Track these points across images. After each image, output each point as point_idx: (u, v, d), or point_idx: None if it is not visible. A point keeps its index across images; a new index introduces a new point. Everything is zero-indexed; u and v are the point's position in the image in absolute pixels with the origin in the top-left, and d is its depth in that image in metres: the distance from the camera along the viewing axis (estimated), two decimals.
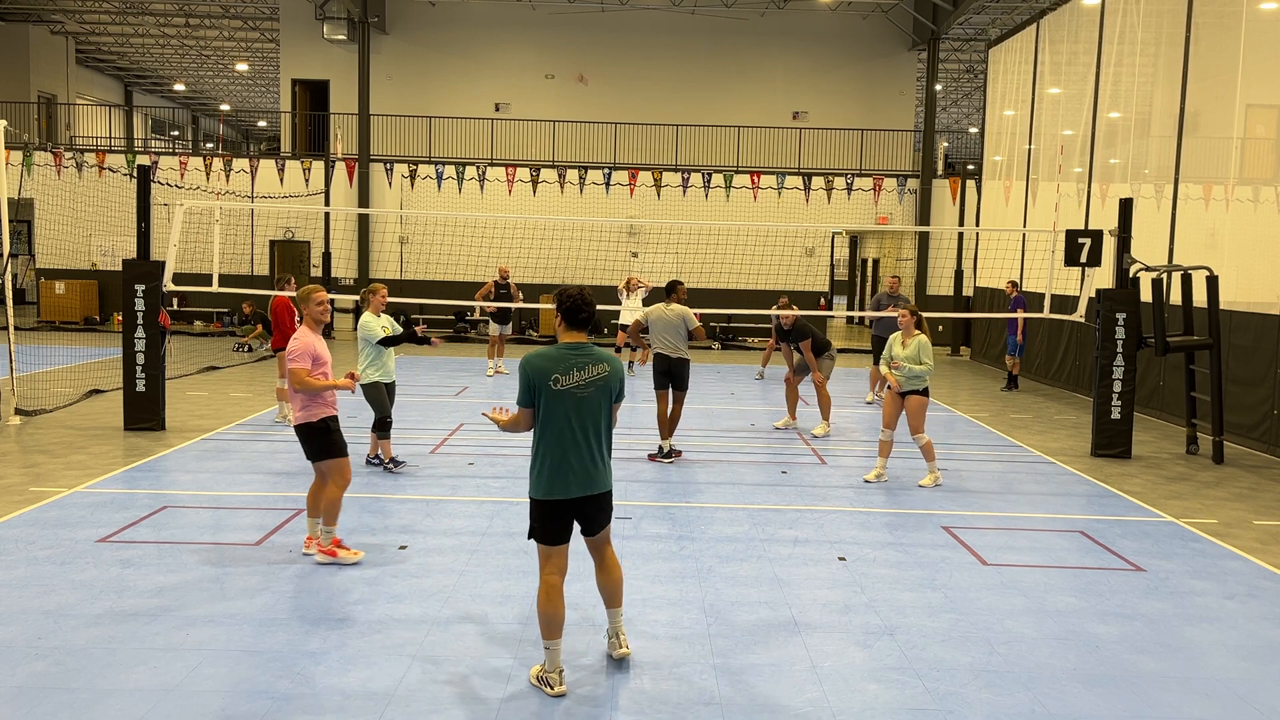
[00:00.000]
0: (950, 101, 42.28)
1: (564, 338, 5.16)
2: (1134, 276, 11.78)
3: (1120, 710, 5.01)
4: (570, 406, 5.01)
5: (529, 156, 26.42)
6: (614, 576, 5.35)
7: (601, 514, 5.20)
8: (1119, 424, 11.51)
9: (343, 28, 26.11)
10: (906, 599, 6.49)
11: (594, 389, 5.05)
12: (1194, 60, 14.65)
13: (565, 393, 5.00)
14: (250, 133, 53.72)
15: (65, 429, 11.44)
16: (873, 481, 9.80)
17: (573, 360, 5.04)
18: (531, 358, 5.08)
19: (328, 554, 6.89)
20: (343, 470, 6.93)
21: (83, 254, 25.10)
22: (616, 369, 5.16)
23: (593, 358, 5.08)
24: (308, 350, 6.80)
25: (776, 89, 27.95)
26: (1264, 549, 7.92)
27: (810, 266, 25.36)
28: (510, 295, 17.12)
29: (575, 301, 5.11)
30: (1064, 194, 18.55)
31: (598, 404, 5.08)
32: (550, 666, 5.05)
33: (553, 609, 5.03)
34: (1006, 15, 27.67)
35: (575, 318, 5.13)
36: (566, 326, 5.16)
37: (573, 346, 5.09)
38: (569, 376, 5.01)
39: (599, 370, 5.08)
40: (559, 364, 5.02)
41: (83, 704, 4.74)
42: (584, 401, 5.03)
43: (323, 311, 7.01)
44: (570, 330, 5.15)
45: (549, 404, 5.01)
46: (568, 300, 5.12)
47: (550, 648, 5.05)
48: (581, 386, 5.03)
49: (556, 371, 5.00)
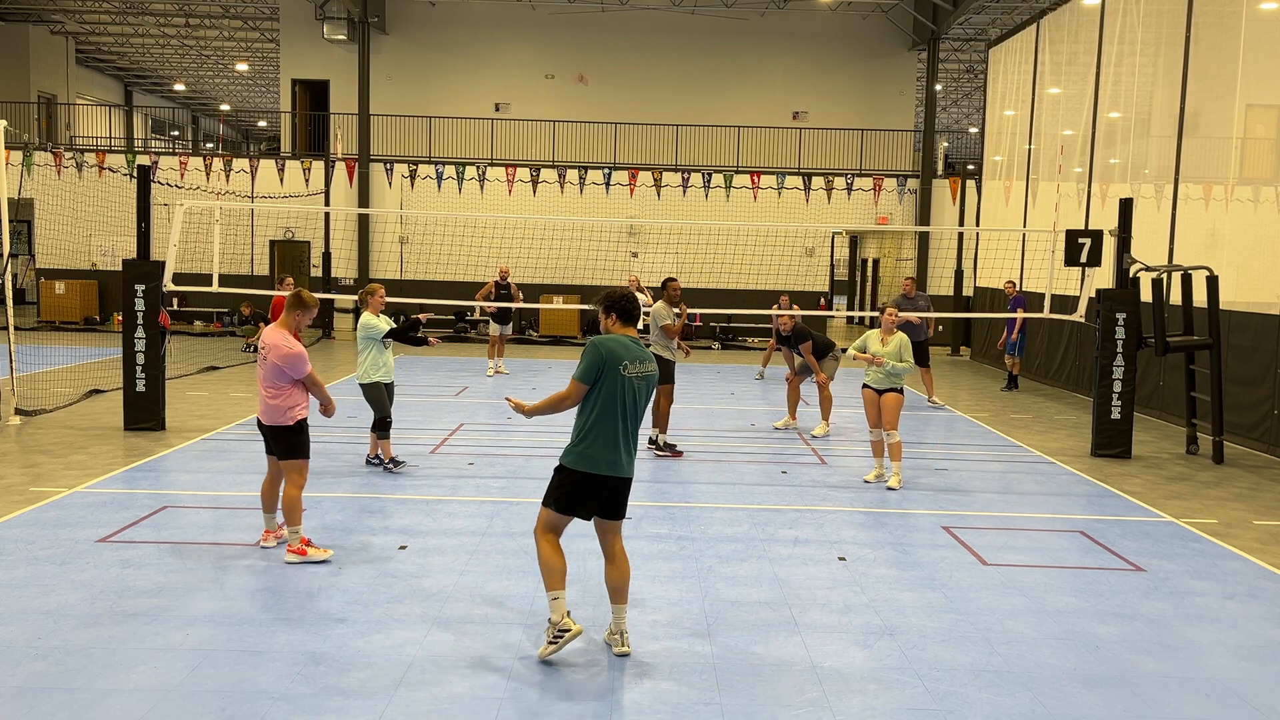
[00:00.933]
0: (950, 101, 42.27)
1: (619, 331, 5.52)
2: (1134, 276, 11.78)
3: (1120, 710, 5.01)
4: (629, 393, 5.36)
5: (529, 156, 26.42)
6: (623, 571, 5.50)
7: (622, 498, 5.49)
8: (1119, 424, 11.51)
9: (343, 28, 26.11)
10: (906, 599, 6.49)
11: (646, 381, 5.44)
12: (1194, 60, 14.66)
13: (630, 379, 5.35)
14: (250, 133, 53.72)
15: (65, 429, 11.44)
16: (872, 482, 9.80)
17: (637, 352, 5.42)
18: (607, 340, 5.39)
19: (298, 553, 6.91)
20: (304, 471, 7.00)
21: (83, 254, 25.10)
22: (655, 367, 5.55)
23: (646, 355, 5.47)
24: (301, 355, 6.86)
25: (776, 89, 27.94)
26: (1264, 549, 7.92)
27: (810, 266, 25.36)
28: (510, 295, 17.12)
29: (625, 299, 5.54)
30: (1064, 194, 18.55)
31: (645, 396, 5.46)
32: (556, 615, 5.33)
33: (556, 558, 5.38)
34: (1006, 15, 27.67)
35: (629, 314, 5.54)
36: (621, 323, 5.54)
37: (633, 340, 5.47)
38: (635, 365, 5.38)
39: (651, 368, 5.47)
40: (630, 352, 5.37)
41: (83, 704, 4.74)
42: (638, 391, 5.40)
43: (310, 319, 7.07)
44: (625, 326, 5.54)
45: (611, 386, 5.33)
46: (623, 299, 5.53)
47: (557, 597, 5.35)
48: (640, 377, 5.39)
49: (627, 359, 5.35)
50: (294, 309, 7.00)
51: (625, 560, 5.53)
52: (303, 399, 6.95)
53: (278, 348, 6.82)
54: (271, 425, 6.90)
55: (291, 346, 6.83)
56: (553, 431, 12.15)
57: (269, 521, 7.23)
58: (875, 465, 9.94)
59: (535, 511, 8.36)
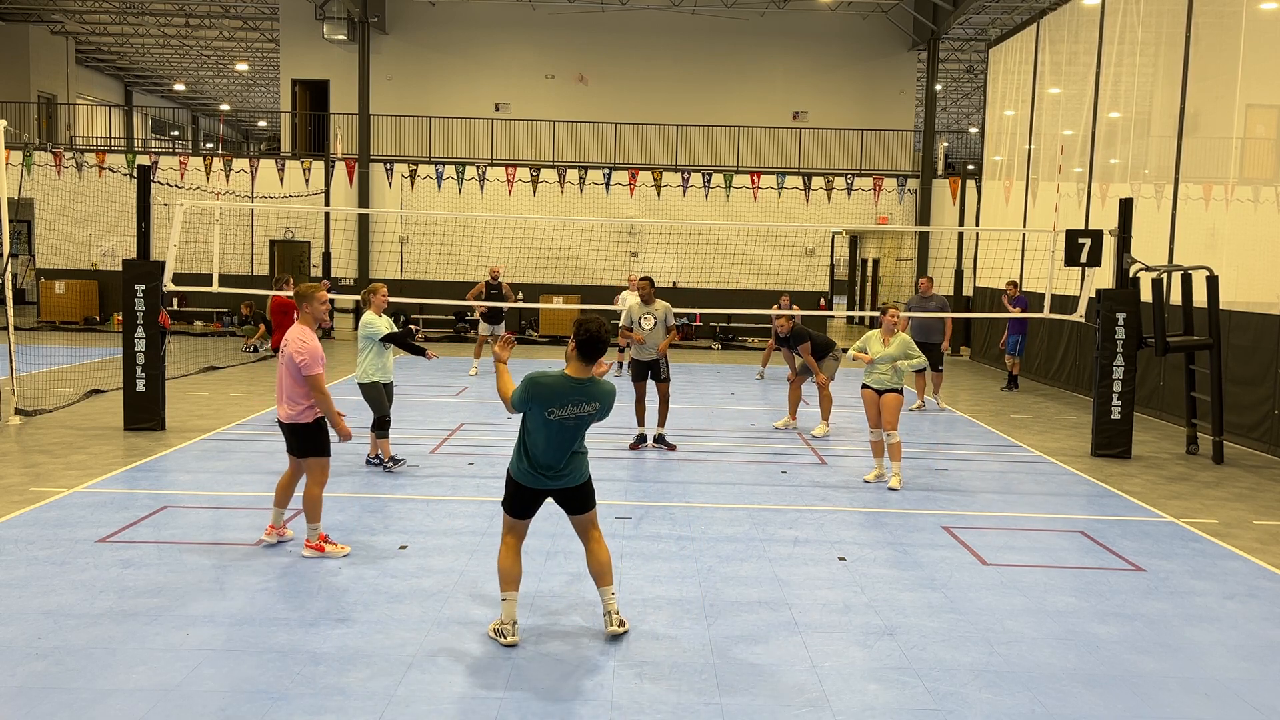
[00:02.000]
0: (950, 101, 42.27)
1: (570, 367, 5.42)
2: (1134, 276, 11.78)
3: (1120, 710, 5.00)
4: (555, 430, 5.38)
5: (529, 156, 26.42)
6: (601, 558, 5.60)
7: (578, 500, 5.58)
8: (1119, 424, 11.51)
9: (343, 28, 26.11)
10: (906, 599, 6.49)
11: (578, 421, 5.41)
12: (1194, 60, 14.66)
13: (555, 422, 5.37)
14: (250, 133, 53.72)
15: (65, 429, 11.44)
16: (872, 482, 9.80)
17: (572, 397, 5.35)
18: (540, 379, 5.35)
19: (315, 549, 6.98)
20: (325, 469, 7.05)
21: (83, 254, 25.10)
22: (606, 406, 5.48)
23: (588, 396, 5.39)
24: (319, 355, 6.86)
25: (776, 89, 27.94)
26: (1264, 549, 7.92)
27: (810, 266, 25.36)
28: (502, 295, 16.97)
29: (591, 336, 5.32)
30: (1064, 194, 18.55)
31: (577, 431, 5.44)
32: (506, 618, 5.49)
33: (509, 563, 5.51)
34: (1006, 15, 27.67)
35: (588, 350, 5.35)
36: (578, 358, 5.38)
37: (577, 383, 5.37)
38: (563, 409, 5.34)
39: (589, 409, 5.40)
40: (560, 398, 5.33)
41: (83, 704, 4.74)
42: (566, 429, 5.40)
43: (325, 311, 7.06)
44: (579, 362, 5.39)
45: (537, 422, 5.39)
46: (584, 333, 5.33)
47: (506, 599, 5.50)
48: (570, 419, 5.38)
49: (554, 405, 5.33)
50: (300, 303, 7.04)
51: (603, 546, 5.64)
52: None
53: (295, 342, 6.87)
54: (289, 423, 6.93)
55: (308, 342, 6.86)
56: None
57: (275, 517, 7.25)
58: (875, 465, 9.94)
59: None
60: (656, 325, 11.06)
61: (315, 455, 6.97)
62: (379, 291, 9.79)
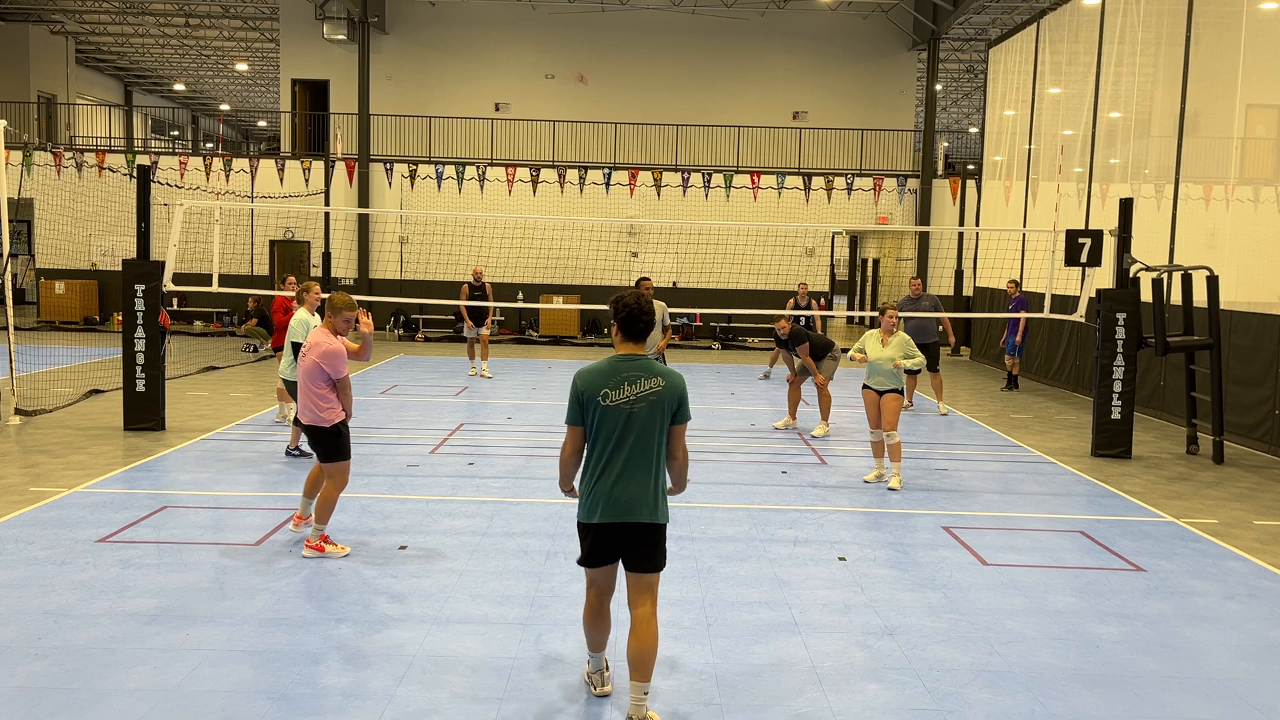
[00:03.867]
0: (950, 101, 42.27)
1: (620, 349, 4.71)
2: (1134, 276, 11.78)
3: (1120, 710, 5.00)
4: (621, 424, 4.57)
5: (529, 156, 26.42)
6: (643, 643, 4.62)
7: (645, 548, 4.65)
8: (1119, 424, 11.51)
9: (343, 28, 26.10)
10: (906, 599, 6.48)
11: (646, 405, 4.58)
12: (1194, 60, 14.66)
13: (615, 408, 4.56)
14: (250, 133, 53.73)
15: (65, 429, 11.44)
16: (872, 482, 9.80)
17: (625, 373, 4.60)
18: (582, 372, 4.67)
19: (316, 549, 7.00)
20: (344, 472, 7.10)
21: (83, 254, 25.10)
22: (674, 384, 4.64)
23: (647, 371, 4.61)
24: (342, 355, 6.92)
25: (776, 89, 27.94)
26: (1264, 549, 7.92)
27: (810, 266, 25.35)
28: (485, 295, 16.79)
29: (632, 310, 4.64)
30: (1064, 194, 18.56)
31: (651, 423, 4.59)
32: (593, 668, 5.05)
33: (592, 625, 4.90)
34: (1006, 15, 27.66)
35: (633, 328, 4.65)
36: (623, 337, 4.68)
37: (626, 359, 4.63)
38: (620, 391, 4.57)
39: (652, 384, 4.59)
40: (610, 378, 4.59)
41: (83, 704, 4.74)
42: (634, 418, 4.57)
43: (348, 327, 7.06)
44: (626, 341, 4.68)
45: (599, 421, 4.59)
46: (623, 309, 4.65)
47: (593, 658, 5.03)
48: (633, 401, 4.57)
49: (607, 386, 4.58)
50: (328, 314, 7.04)
51: (648, 628, 4.63)
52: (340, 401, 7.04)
53: (319, 345, 6.92)
54: (309, 425, 7.00)
55: (331, 344, 6.91)
56: (553, 431, 12.15)
57: (303, 506, 7.39)
58: (875, 466, 9.94)
59: (535, 511, 8.39)
60: (655, 328, 11.06)
61: (333, 460, 7.02)
62: (312, 290, 9.80)
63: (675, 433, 4.70)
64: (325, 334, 7.00)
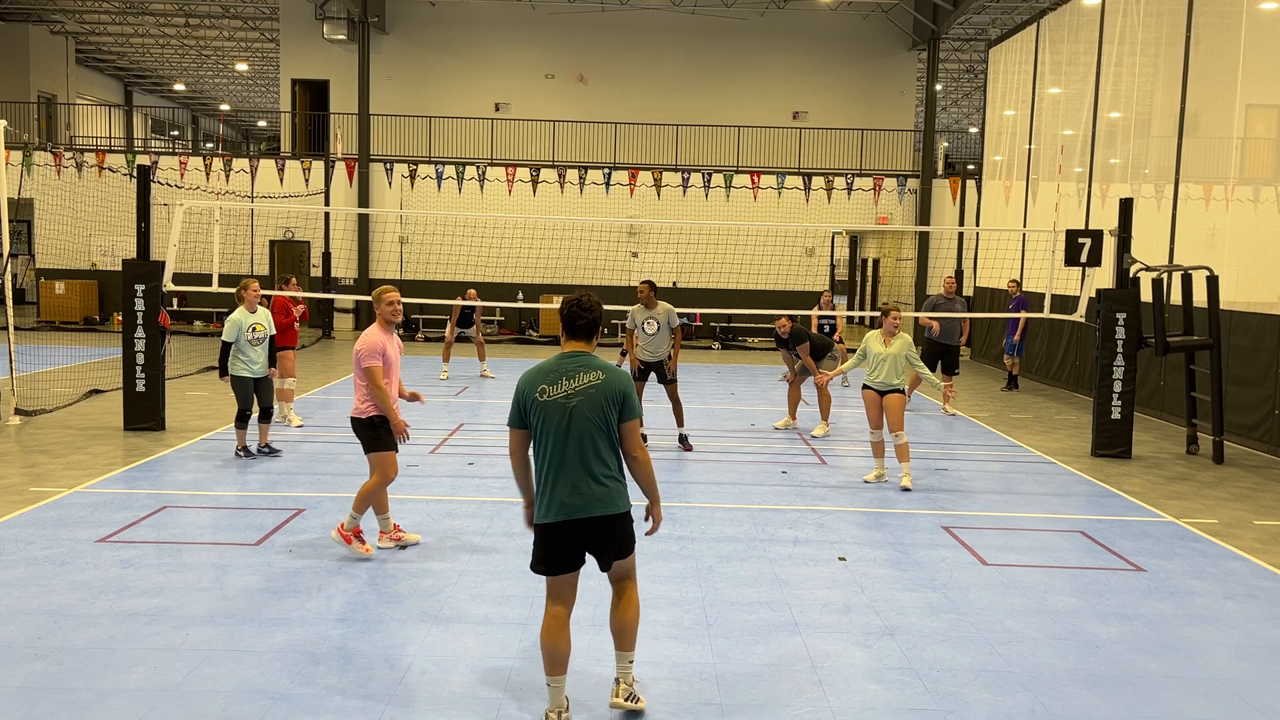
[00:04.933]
0: (950, 101, 42.27)
1: (565, 346, 4.72)
2: (1134, 276, 11.78)
3: (1120, 710, 5.00)
4: (559, 419, 4.54)
5: (529, 156, 26.41)
6: (625, 615, 4.77)
7: (609, 543, 4.65)
8: (1119, 424, 11.51)
9: (343, 28, 26.10)
10: (906, 599, 6.49)
11: (585, 399, 4.54)
12: (1194, 60, 14.66)
13: (552, 404, 4.54)
14: (250, 133, 53.73)
15: (65, 429, 11.44)
16: (872, 482, 9.79)
17: (563, 370, 4.59)
18: (525, 373, 4.70)
19: (343, 538, 7.06)
20: (386, 464, 7.11)
21: (83, 254, 25.10)
22: (614, 377, 4.61)
23: (586, 366, 4.59)
24: (377, 349, 7.01)
25: (776, 89, 27.94)
26: (1264, 549, 7.92)
27: (810, 266, 25.36)
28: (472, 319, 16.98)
29: (572, 308, 4.67)
30: (1064, 194, 18.56)
31: (594, 416, 4.55)
32: (551, 705, 4.65)
33: (552, 642, 4.60)
34: (1006, 15, 27.66)
35: (573, 325, 4.68)
36: (567, 335, 4.71)
37: (569, 355, 4.64)
38: (557, 386, 4.56)
39: (590, 379, 4.56)
40: (547, 375, 4.59)
41: (83, 704, 4.74)
42: (575, 413, 4.53)
43: (393, 312, 7.18)
44: (571, 339, 4.70)
45: (540, 419, 4.57)
46: (565, 306, 4.69)
47: (552, 684, 4.64)
48: (570, 396, 4.54)
49: (544, 383, 4.58)
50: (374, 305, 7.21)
51: (631, 603, 4.78)
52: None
53: (360, 337, 7.08)
54: (352, 418, 7.12)
55: (367, 336, 7.04)
56: None
57: (383, 524, 7.35)
58: (875, 466, 9.93)
59: None
60: (660, 330, 11.01)
61: (374, 451, 7.10)
62: (250, 287, 9.99)
63: (625, 430, 4.65)
64: (371, 328, 7.14)
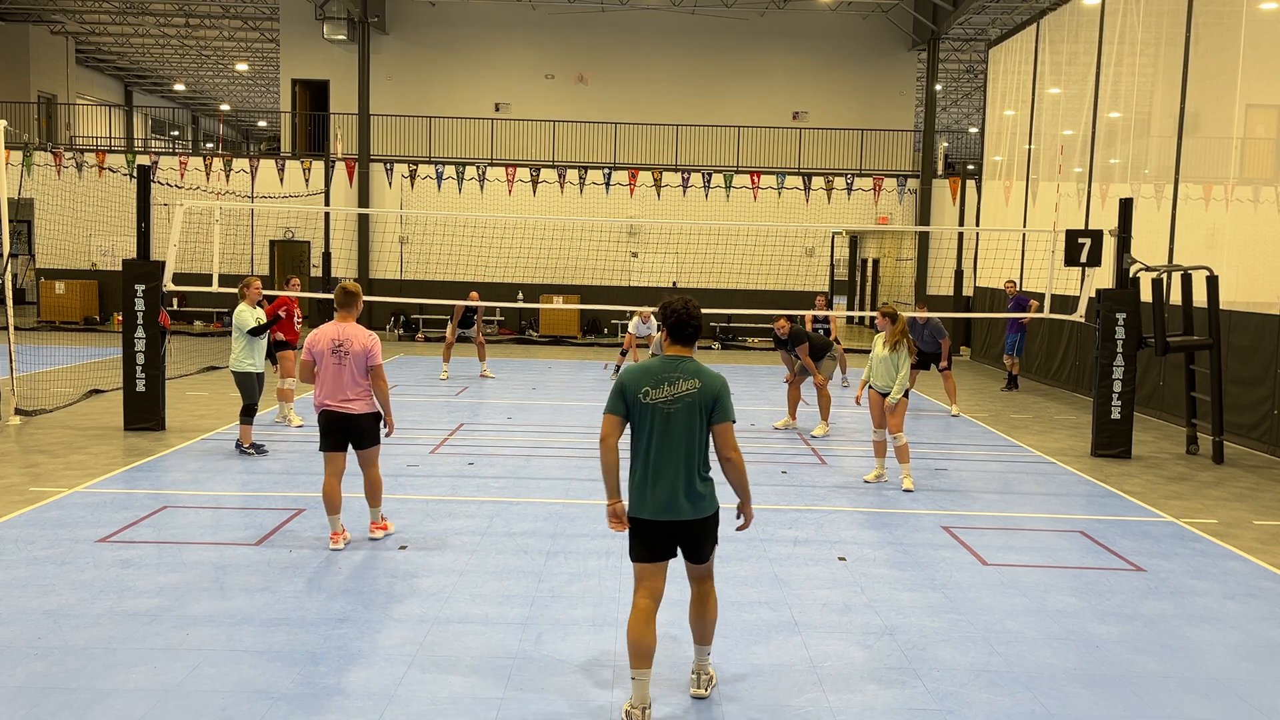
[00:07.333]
0: (950, 101, 42.27)
1: (667, 350, 4.86)
2: (1134, 276, 11.78)
3: (1120, 710, 5.00)
4: (659, 423, 4.70)
5: (529, 156, 26.42)
6: (701, 614, 4.95)
7: (692, 541, 4.79)
8: (1119, 424, 11.51)
9: (343, 28, 26.10)
10: (906, 599, 6.49)
11: (683, 406, 4.69)
12: (1194, 60, 14.66)
13: (652, 407, 4.69)
14: (250, 133, 53.72)
15: (65, 429, 11.44)
16: (872, 482, 9.79)
17: (668, 373, 4.73)
18: (631, 368, 4.85)
19: (382, 529, 7.52)
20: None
21: (83, 254, 25.10)
22: (710, 384, 4.75)
23: (684, 372, 4.74)
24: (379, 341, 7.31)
25: (776, 89, 27.94)
26: (1264, 549, 7.92)
27: (810, 266, 25.36)
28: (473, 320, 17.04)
29: (679, 316, 4.81)
30: (1064, 194, 18.56)
31: (686, 423, 4.70)
32: (635, 701, 4.66)
33: (637, 634, 4.67)
34: (1006, 15, 27.66)
35: (681, 333, 4.83)
36: (670, 341, 4.84)
37: (672, 359, 4.79)
38: (660, 390, 4.70)
39: (689, 386, 4.71)
40: (653, 376, 4.73)
41: (83, 704, 4.74)
42: (671, 419, 4.69)
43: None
44: (674, 344, 4.85)
45: (639, 418, 4.73)
46: (671, 315, 4.80)
47: (636, 678, 4.67)
48: (670, 402, 4.69)
49: (648, 384, 4.72)
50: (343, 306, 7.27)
51: (706, 600, 4.93)
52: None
53: (357, 339, 7.15)
54: (362, 414, 7.18)
55: (370, 334, 7.22)
56: (553, 431, 12.16)
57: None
58: (876, 465, 9.93)
59: (535, 511, 8.39)
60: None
61: (378, 444, 7.31)
62: (252, 285, 10.45)
63: (719, 432, 4.79)
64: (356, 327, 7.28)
